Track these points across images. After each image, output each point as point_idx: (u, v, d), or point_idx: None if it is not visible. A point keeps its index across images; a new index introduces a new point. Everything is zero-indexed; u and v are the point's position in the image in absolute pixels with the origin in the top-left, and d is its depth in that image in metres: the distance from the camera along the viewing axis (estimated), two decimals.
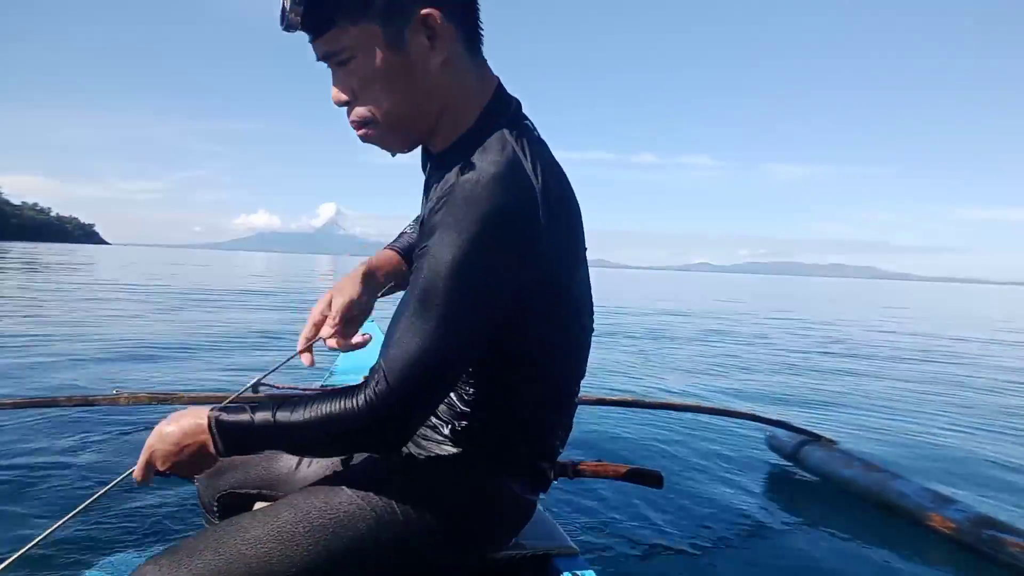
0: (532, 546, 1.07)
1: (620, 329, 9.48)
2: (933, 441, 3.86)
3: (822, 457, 2.95)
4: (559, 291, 0.87)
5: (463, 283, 0.76)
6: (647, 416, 3.84)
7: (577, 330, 0.93)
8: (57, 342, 5.70)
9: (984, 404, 5.11)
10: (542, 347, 0.89)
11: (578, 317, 0.92)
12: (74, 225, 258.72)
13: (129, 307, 9.32)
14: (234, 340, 6.47)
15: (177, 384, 4.33)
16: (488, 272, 0.77)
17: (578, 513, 2.43)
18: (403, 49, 0.80)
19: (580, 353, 0.96)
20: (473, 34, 0.86)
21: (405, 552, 0.90)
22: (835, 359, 7.31)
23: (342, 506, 0.88)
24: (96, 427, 3.11)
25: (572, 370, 0.96)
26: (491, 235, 0.76)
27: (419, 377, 0.77)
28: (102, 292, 11.87)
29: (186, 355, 5.46)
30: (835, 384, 5.70)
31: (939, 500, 2.43)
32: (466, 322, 0.78)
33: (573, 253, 0.88)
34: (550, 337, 0.89)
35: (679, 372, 5.89)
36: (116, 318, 7.79)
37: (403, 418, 0.80)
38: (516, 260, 0.79)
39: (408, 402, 0.78)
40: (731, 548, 2.28)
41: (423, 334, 0.76)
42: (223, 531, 0.86)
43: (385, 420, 0.78)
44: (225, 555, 0.82)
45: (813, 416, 4.30)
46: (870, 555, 2.28)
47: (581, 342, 0.95)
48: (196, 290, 13.96)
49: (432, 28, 0.80)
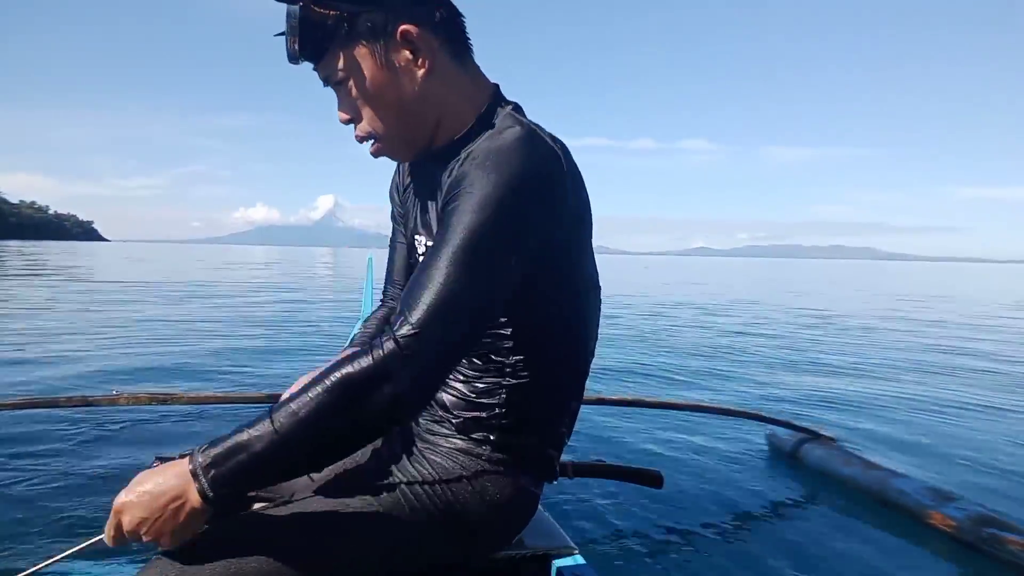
0: (532, 546, 1.07)
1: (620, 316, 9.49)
2: (934, 439, 3.86)
3: (822, 455, 2.95)
4: (576, 259, 0.90)
5: (496, 234, 0.76)
6: (647, 416, 3.84)
7: (588, 307, 0.96)
8: (57, 343, 5.70)
9: (985, 401, 5.11)
10: (556, 321, 0.91)
11: (588, 293, 0.95)
12: (72, 222, 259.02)
13: (140, 306, 9.34)
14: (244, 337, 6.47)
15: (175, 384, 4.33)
16: (522, 224, 0.78)
17: (578, 513, 2.43)
18: (390, 65, 0.87)
19: (590, 331, 0.98)
20: (458, 44, 0.91)
21: (413, 547, 0.90)
22: (833, 356, 7.30)
23: (350, 503, 0.88)
24: (96, 428, 3.12)
25: (583, 348, 0.97)
26: (524, 190, 0.78)
27: (448, 320, 0.74)
28: (112, 291, 11.88)
29: (200, 356, 5.46)
30: (835, 381, 5.70)
31: (939, 498, 2.43)
32: (498, 271, 0.77)
33: (589, 223, 0.91)
34: (563, 311, 0.91)
35: (679, 368, 5.89)
36: (122, 317, 7.80)
37: (432, 366, 0.75)
38: (547, 217, 0.81)
39: (437, 346, 0.74)
40: (731, 547, 2.29)
41: (451, 280, 0.74)
42: (230, 532, 0.84)
43: (418, 364, 0.73)
44: (230, 552, 0.79)
45: (812, 413, 4.30)
46: (870, 553, 2.28)
47: (592, 320, 0.98)
48: (205, 284, 13.96)
49: (412, 42, 0.86)
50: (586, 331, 0.97)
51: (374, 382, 0.72)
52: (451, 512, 0.90)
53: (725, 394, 4.99)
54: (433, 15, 0.88)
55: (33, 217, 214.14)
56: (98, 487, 2.41)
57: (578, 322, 0.95)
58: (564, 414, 0.99)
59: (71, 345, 5.63)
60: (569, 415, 1.00)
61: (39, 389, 3.96)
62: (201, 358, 5.34)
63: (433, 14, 0.88)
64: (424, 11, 0.87)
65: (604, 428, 3.63)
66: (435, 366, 0.76)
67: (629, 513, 2.47)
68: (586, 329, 0.97)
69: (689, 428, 3.70)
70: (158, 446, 2.87)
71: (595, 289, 0.97)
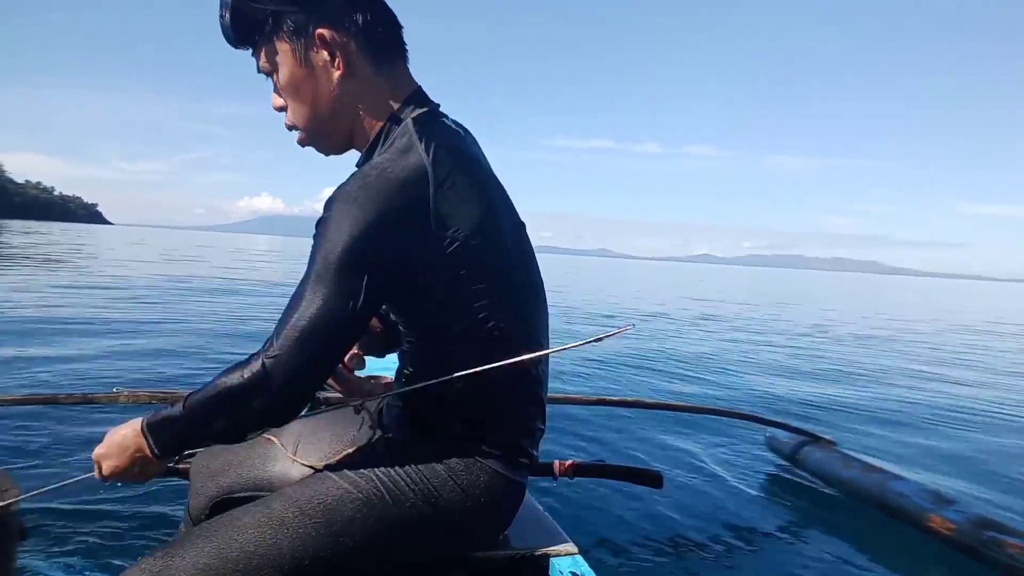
0: (532, 546, 1.07)
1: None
2: (933, 442, 3.86)
3: (821, 458, 2.95)
4: (477, 258, 0.89)
5: (347, 249, 0.82)
6: (647, 416, 3.84)
7: (518, 285, 0.97)
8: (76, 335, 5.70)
9: (985, 404, 5.11)
10: (484, 303, 0.91)
11: (511, 272, 0.95)
12: (77, 204, 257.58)
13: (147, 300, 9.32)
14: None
15: (178, 382, 4.33)
16: (370, 247, 0.83)
17: (578, 513, 2.43)
18: (308, 64, 0.93)
19: (530, 311, 0.98)
20: (381, 50, 0.96)
21: (396, 533, 0.92)
22: (834, 362, 7.31)
23: (330, 491, 0.92)
24: (96, 425, 3.12)
25: (518, 335, 0.96)
26: (374, 216, 0.82)
27: (306, 342, 0.82)
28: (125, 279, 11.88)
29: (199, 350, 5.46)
30: (835, 386, 5.70)
31: (939, 501, 2.43)
32: (349, 294, 0.83)
33: (487, 214, 0.91)
34: (487, 292, 0.91)
35: (682, 374, 5.90)
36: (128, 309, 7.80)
37: (296, 383, 0.83)
38: (405, 220, 0.84)
39: (297, 367, 0.82)
40: (730, 548, 2.29)
41: (306, 304, 0.82)
42: (215, 523, 0.91)
43: (277, 385, 0.82)
44: (216, 542, 0.86)
45: (812, 416, 4.31)
46: (870, 556, 2.28)
47: (526, 299, 0.98)
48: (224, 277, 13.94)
49: (329, 45, 0.92)
50: (525, 307, 0.97)
51: (247, 395, 0.83)
52: (431, 502, 0.92)
53: (725, 394, 4.99)
54: (354, 20, 0.92)
55: (39, 198, 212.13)
56: (97, 486, 2.40)
57: (502, 313, 0.93)
58: (529, 400, 0.99)
59: (77, 342, 5.63)
60: (534, 402, 1.00)
61: (40, 385, 3.96)
62: (201, 356, 5.34)
63: (354, 19, 0.92)
64: (344, 16, 0.92)
65: (604, 428, 3.63)
66: (299, 382, 0.84)
67: (629, 513, 2.47)
68: (524, 306, 0.97)
69: (689, 429, 3.71)
70: None
71: (523, 265, 0.98)
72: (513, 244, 0.97)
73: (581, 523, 2.34)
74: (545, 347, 1.02)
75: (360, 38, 0.93)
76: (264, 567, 0.86)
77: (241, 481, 1.13)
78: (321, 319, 0.82)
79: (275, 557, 0.87)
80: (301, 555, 0.88)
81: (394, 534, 0.92)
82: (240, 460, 1.15)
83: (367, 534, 0.90)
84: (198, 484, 1.15)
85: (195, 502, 1.15)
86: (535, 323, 1.00)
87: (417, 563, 1.01)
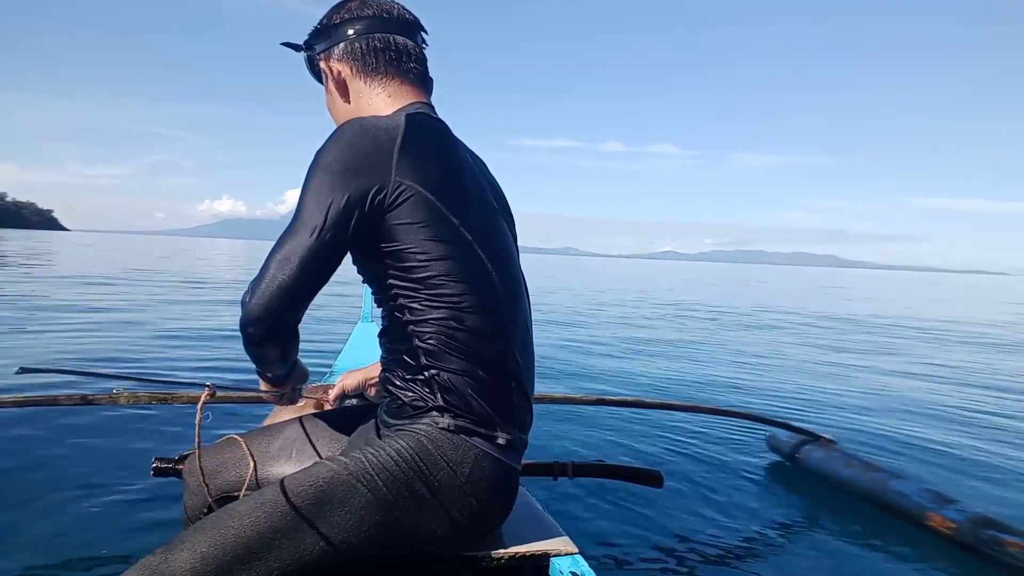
0: (532, 546, 1.07)
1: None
2: (933, 441, 3.86)
3: (822, 457, 2.95)
4: (439, 204, 0.97)
5: (315, 183, 0.94)
6: (647, 416, 3.84)
7: (485, 260, 1.01)
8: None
9: (984, 403, 5.11)
10: (447, 265, 0.97)
11: (475, 245, 0.99)
12: (31, 211, 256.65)
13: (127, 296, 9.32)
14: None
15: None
16: (337, 169, 0.94)
17: (578, 513, 2.43)
18: (329, 90, 1.19)
19: (497, 289, 1.02)
20: (371, 68, 1.13)
21: (389, 514, 0.94)
22: (832, 361, 7.30)
23: (322, 475, 0.95)
24: (95, 426, 3.11)
25: (491, 313, 1.00)
26: (348, 141, 0.96)
27: (274, 266, 0.93)
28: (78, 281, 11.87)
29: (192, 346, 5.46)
30: (834, 384, 5.70)
31: (939, 500, 2.44)
32: (316, 212, 0.93)
33: (453, 180, 1.01)
34: (449, 256, 0.97)
35: (676, 371, 5.89)
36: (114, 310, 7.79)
37: (260, 307, 0.93)
38: (370, 162, 0.94)
39: (265, 292, 0.93)
40: (730, 548, 2.29)
41: (282, 234, 0.95)
42: (212, 516, 0.95)
43: (249, 309, 0.94)
44: (214, 532, 0.90)
45: (812, 416, 4.30)
46: (870, 555, 2.28)
47: (493, 275, 1.02)
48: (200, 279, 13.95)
49: (330, 72, 1.16)
50: (480, 291, 1.00)
51: (242, 324, 0.97)
52: (422, 480, 0.96)
53: (725, 394, 4.98)
54: (342, 48, 1.13)
55: None
56: (97, 486, 2.40)
57: (465, 283, 0.98)
58: (507, 379, 1.02)
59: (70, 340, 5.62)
60: (513, 379, 1.03)
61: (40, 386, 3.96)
62: (201, 356, 5.34)
63: (342, 47, 1.13)
64: (332, 47, 1.15)
65: (604, 428, 3.63)
66: (263, 307, 0.93)
67: (629, 513, 2.47)
68: (492, 286, 1.01)
69: (689, 429, 3.70)
70: (157, 445, 2.87)
71: (493, 245, 1.03)
72: (480, 221, 1.03)
73: (581, 523, 2.34)
74: (520, 328, 1.06)
75: (349, 61, 1.14)
76: (261, 550, 0.89)
77: (237, 480, 1.15)
78: (288, 246, 0.93)
79: (271, 540, 0.90)
80: (297, 537, 0.90)
81: (388, 514, 0.94)
82: (235, 460, 1.17)
83: (360, 514, 0.93)
84: (194, 484, 1.16)
85: (191, 502, 1.17)
86: (504, 300, 1.03)
87: (417, 560, 1.01)
